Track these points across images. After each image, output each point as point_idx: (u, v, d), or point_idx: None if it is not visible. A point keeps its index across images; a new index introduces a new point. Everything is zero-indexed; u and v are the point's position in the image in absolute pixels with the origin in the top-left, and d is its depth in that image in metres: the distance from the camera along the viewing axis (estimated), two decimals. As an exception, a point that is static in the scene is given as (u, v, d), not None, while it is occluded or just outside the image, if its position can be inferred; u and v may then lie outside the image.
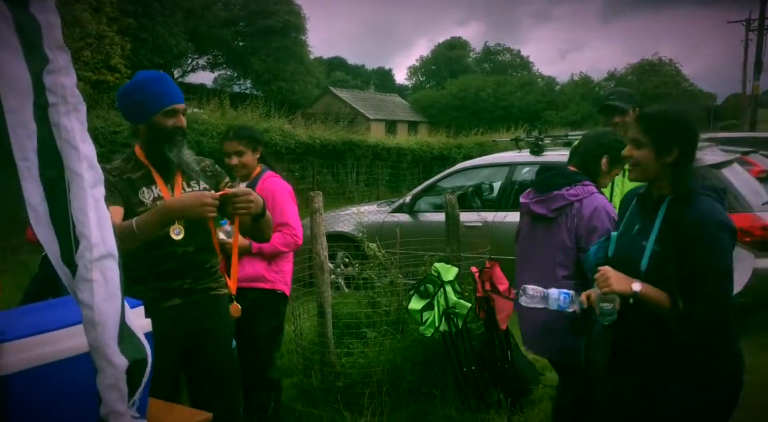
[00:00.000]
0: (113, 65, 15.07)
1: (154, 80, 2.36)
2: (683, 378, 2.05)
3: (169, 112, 2.32)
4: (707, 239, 1.96)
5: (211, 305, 2.44)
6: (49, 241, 1.19)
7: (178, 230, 2.28)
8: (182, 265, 2.35)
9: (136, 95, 2.33)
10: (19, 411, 1.40)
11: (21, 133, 1.13)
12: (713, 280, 1.96)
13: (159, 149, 2.33)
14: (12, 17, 1.08)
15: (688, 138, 2.04)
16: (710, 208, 1.99)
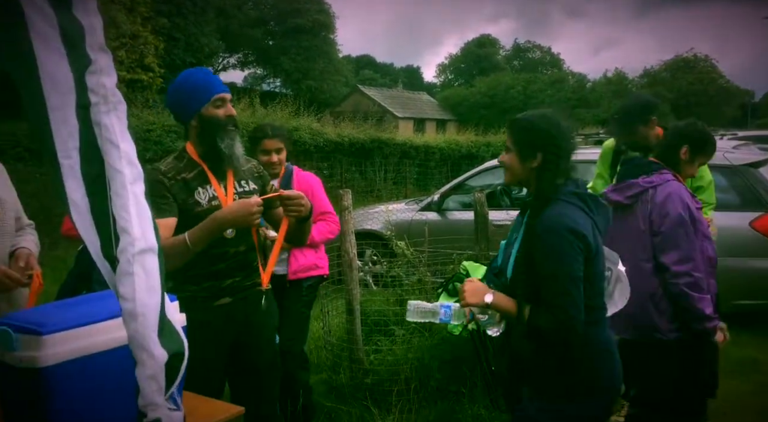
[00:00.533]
0: (147, 64, 15.36)
1: (196, 72, 2.40)
2: (540, 390, 2.03)
3: (218, 101, 2.32)
4: (549, 245, 1.90)
5: (258, 301, 2.47)
6: (90, 236, 1.23)
7: (230, 230, 2.33)
8: (234, 264, 2.38)
9: (182, 90, 2.35)
10: (58, 402, 1.44)
11: (64, 131, 1.16)
12: (555, 287, 1.89)
13: (212, 140, 2.32)
14: (57, 19, 1.11)
15: (549, 145, 2.00)
16: (559, 213, 1.93)
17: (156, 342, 1.24)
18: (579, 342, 1.92)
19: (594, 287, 1.97)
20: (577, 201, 1.97)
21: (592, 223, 1.96)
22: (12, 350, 1.44)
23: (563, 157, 2.01)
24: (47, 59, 1.12)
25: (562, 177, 2.02)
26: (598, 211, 2.00)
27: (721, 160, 5.37)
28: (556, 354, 1.98)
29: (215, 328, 2.33)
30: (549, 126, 2.02)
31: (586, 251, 1.90)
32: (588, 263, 1.92)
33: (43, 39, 1.11)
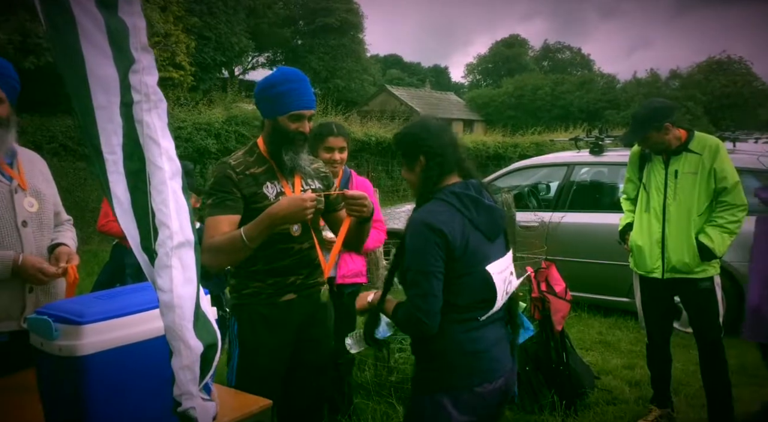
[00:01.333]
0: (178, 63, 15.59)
1: (288, 81, 2.34)
2: (412, 381, 2.09)
3: (295, 116, 2.33)
4: (408, 239, 1.95)
5: (319, 299, 2.51)
6: (131, 230, 1.27)
7: (296, 227, 2.36)
8: (298, 261, 2.40)
9: (267, 92, 2.35)
10: (95, 390, 1.49)
11: (109, 128, 1.21)
12: (409, 279, 1.93)
13: (277, 149, 2.37)
14: (104, 21, 1.16)
15: (423, 146, 2.03)
16: (426, 210, 1.97)
17: (192, 333, 1.27)
18: (435, 336, 1.94)
19: (461, 286, 1.95)
20: (453, 200, 1.97)
21: (465, 222, 1.95)
22: (52, 339, 1.49)
23: (442, 156, 2.03)
24: (94, 60, 1.17)
25: (445, 176, 2.04)
26: (478, 211, 1.99)
27: (756, 164, 5.28)
28: (417, 346, 2.05)
29: (279, 323, 2.37)
30: (420, 130, 2.08)
31: (446, 248, 1.90)
32: (454, 261, 1.92)
33: (91, 40, 1.16)
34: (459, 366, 1.97)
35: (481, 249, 1.98)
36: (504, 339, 2.09)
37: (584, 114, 36.15)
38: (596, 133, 6.89)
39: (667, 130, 3.29)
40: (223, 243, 2.19)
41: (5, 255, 2.07)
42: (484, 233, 1.99)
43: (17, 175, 2.18)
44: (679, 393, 3.91)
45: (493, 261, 2.00)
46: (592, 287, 5.78)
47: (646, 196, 3.44)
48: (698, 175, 3.28)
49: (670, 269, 3.34)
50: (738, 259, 5.00)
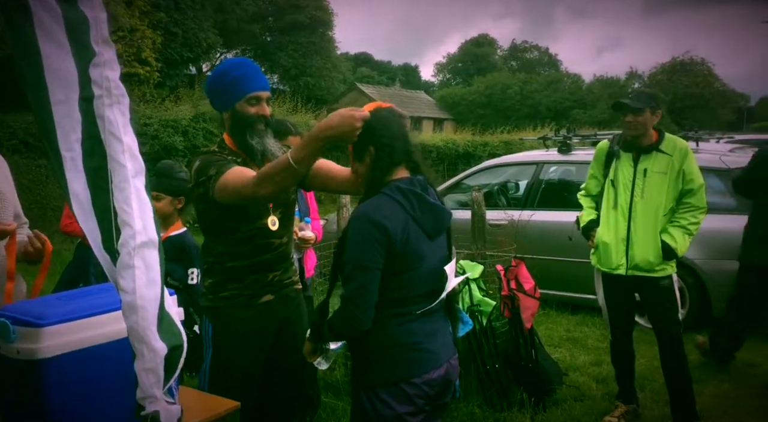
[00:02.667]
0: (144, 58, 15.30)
1: (236, 67, 2.31)
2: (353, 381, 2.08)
3: (252, 99, 2.27)
4: (350, 233, 1.94)
5: (295, 297, 2.48)
6: (91, 229, 1.23)
7: (274, 221, 2.31)
8: (277, 257, 2.37)
9: (219, 82, 2.30)
10: (55, 394, 1.44)
11: (66, 124, 1.17)
12: (347, 275, 1.92)
13: (242, 137, 2.30)
14: (62, 13, 1.12)
15: (374, 137, 1.97)
16: (370, 204, 1.95)
17: (155, 335, 1.24)
18: (370, 330, 1.93)
19: (398, 281, 1.95)
20: (398, 196, 1.95)
21: (408, 219, 1.94)
22: (10, 342, 1.44)
23: (391, 148, 1.99)
24: (51, 53, 1.13)
25: (394, 169, 2.00)
26: (422, 208, 1.97)
27: (718, 163, 5.40)
28: (353, 341, 2.03)
29: (258, 327, 2.32)
30: (372, 120, 2.00)
31: (386, 244, 1.89)
32: (393, 257, 1.91)
33: (47, 33, 1.11)
34: (394, 358, 1.97)
35: (421, 247, 1.97)
36: (442, 330, 2.09)
37: (552, 113, 36.61)
38: (564, 132, 6.98)
39: (655, 118, 3.35)
40: (271, 169, 2.04)
41: None
42: (425, 231, 1.98)
43: None
44: (645, 389, 3.98)
45: (433, 259, 2.01)
46: (561, 284, 5.85)
47: (613, 193, 3.46)
48: (667, 175, 3.33)
49: (633, 266, 3.39)
50: (701, 257, 5.12)
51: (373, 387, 1.97)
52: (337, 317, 1.96)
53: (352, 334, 1.97)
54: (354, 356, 2.08)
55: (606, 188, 3.52)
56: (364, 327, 1.91)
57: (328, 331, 2.00)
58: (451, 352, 2.11)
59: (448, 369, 2.07)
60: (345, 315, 1.92)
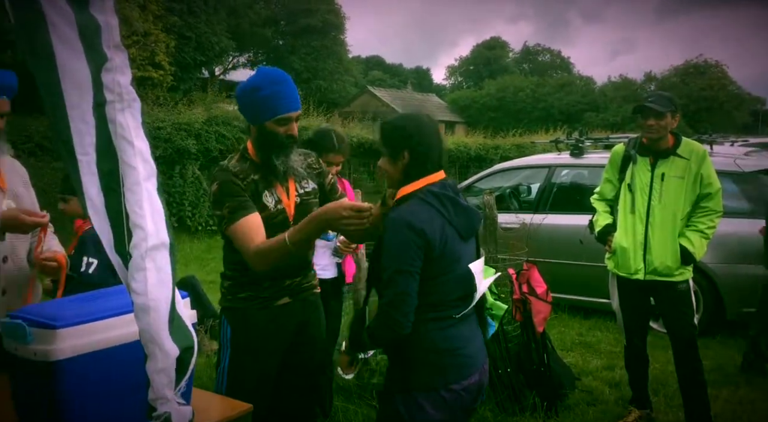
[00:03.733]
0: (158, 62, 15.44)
1: (270, 84, 2.23)
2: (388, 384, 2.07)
3: (282, 120, 2.23)
4: (387, 238, 1.94)
5: (313, 301, 2.49)
6: (104, 232, 1.24)
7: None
8: (294, 264, 2.36)
9: (251, 96, 2.24)
10: (70, 395, 1.46)
11: (82, 128, 1.18)
12: (386, 280, 1.92)
13: (267, 155, 2.28)
14: (75, 18, 1.13)
15: (411, 142, 2.00)
16: (406, 209, 1.95)
17: (167, 337, 1.25)
18: (409, 336, 1.92)
19: (437, 285, 1.96)
20: (433, 200, 1.97)
21: (444, 223, 1.96)
22: (26, 343, 1.46)
23: (426, 156, 2.02)
24: (66, 57, 1.14)
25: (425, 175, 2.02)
26: (456, 212, 1.99)
27: (733, 167, 5.35)
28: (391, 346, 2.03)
29: (275, 328, 2.33)
30: (410, 125, 2.04)
31: (425, 249, 1.91)
32: (431, 261, 1.92)
33: (61, 37, 1.13)
34: (434, 364, 1.97)
35: (457, 249, 1.99)
36: (476, 335, 2.11)
37: (564, 116, 36.45)
38: (576, 135, 6.95)
39: (674, 122, 3.33)
40: (265, 249, 2.11)
41: None
42: (460, 234, 2.00)
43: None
44: (658, 394, 3.94)
45: (466, 261, 2.02)
46: (573, 288, 5.82)
47: (630, 198, 3.42)
48: (685, 180, 3.30)
49: (652, 271, 3.36)
50: (715, 260, 5.06)
51: (411, 392, 1.96)
52: (378, 323, 1.95)
53: (394, 340, 1.96)
54: (392, 361, 2.07)
55: (622, 192, 3.49)
56: (406, 331, 1.91)
57: (368, 340, 1.99)
58: (485, 356, 2.12)
59: (482, 373, 2.08)
60: (387, 321, 1.91)
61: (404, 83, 47.30)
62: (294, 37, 30.06)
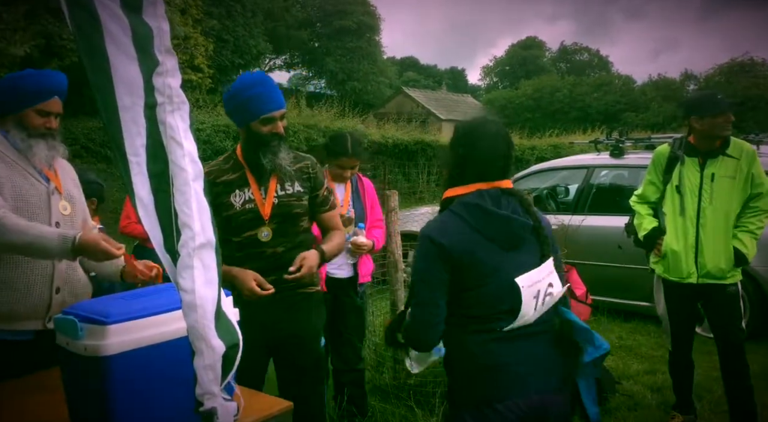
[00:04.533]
0: (197, 65, 15.72)
1: (252, 86, 2.37)
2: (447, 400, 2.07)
3: (266, 119, 2.37)
4: (416, 250, 1.97)
5: (299, 302, 2.51)
6: (154, 231, 1.28)
7: (266, 233, 2.41)
8: (270, 264, 2.42)
9: (234, 101, 2.39)
10: (119, 390, 1.50)
11: (133, 130, 1.22)
12: (411, 287, 1.97)
13: (254, 154, 2.40)
14: (129, 24, 1.17)
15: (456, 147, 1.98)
16: (433, 222, 1.97)
17: (213, 334, 1.28)
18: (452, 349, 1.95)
19: (474, 298, 1.88)
20: (462, 210, 1.91)
21: (474, 234, 1.89)
22: (77, 339, 1.51)
23: (462, 170, 1.96)
24: (120, 62, 1.18)
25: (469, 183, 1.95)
26: (489, 222, 1.89)
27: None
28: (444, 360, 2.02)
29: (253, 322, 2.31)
30: (462, 128, 2.01)
31: (448, 260, 1.87)
32: (461, 272, 1.88)
33: (116, 43, 1.17)
34: (476, 379, 1.88)
35: (491, 261, 1.89)
36: (546, 356, 1.91)
37: (602, 116, 35.84)
38: (616, 135, 6.83)
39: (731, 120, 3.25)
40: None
41: (67, 233, 1.99)
42: (497, 244, 1.90)
43: (55, 178, 2.23)
44: (702, 399, 3.85)
45: (512, 272, 1.88)
46: (613, 291, 5.72)
47: (679, 200, 3.32)
48: (736, 179, 3.22)
49: (704, 274, 3.25)
50: (761, 264, 4.92)
51: (459, 408, 1.93)
52: (407, 326, 1.97)
53: (419, 346, 2.00)
54: (446, 373, 2.05)
55: (669, 194, 3.37)
56: (428, 341, 1.94)
57: (402, 339, 2.02)
58: (552, 384, 1.90)
59: (549, 399, 1.89)
60: (409, 330, 1.95)
61: (439, 84, 47.17)
62: (329, 38, 30.29)
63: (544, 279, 1.93)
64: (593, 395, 1.99)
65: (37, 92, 2.15)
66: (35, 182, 2.16)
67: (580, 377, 1.97)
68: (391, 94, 35.09)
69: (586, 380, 1.98)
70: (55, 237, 1.95)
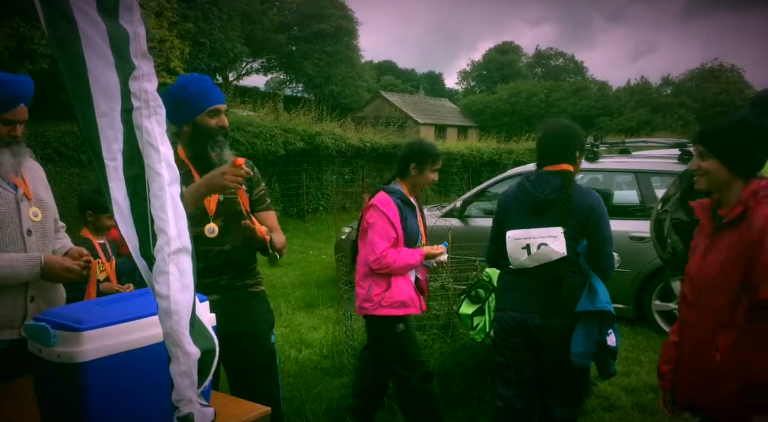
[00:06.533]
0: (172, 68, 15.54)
1: (196, 81, 2.43)
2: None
3: (212, 111, 2.40)
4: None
5: (248, 301, 2.53)
6: (130, 235, 1.27)
7: (212, 229, 2.38)
8: (218, 263, 2.42)
9: (179, 95, 2.39)
10: (94, 397, 1.48)
11: (110, 135, 1.21)
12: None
13: (201, 148, 2.40)
14: (106, 28, 1.16)
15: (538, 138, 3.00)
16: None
17: (189, 340, 1.27)
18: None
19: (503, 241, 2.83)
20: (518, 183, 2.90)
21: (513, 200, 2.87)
22: (50, 346, 1.48)
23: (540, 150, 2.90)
24: (96, 66, 1.17)
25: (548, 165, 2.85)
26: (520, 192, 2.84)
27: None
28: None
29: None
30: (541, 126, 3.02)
31: (498, 211, 3.00)
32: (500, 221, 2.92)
33: (93, 47, 1.16)
34: (498, 295, 2.98)
35: (516, 218, 2.77)
36: (536, 290, 2.71)
37: (578, 121, 36.15)
38: (591, 139, 6.93)
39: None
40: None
41: (34, 256, 2.08)
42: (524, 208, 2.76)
43: (23, 184, 2.19)
44: None
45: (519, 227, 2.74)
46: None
47: None
48: None
49: None
50: None
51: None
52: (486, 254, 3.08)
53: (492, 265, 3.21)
54: None
55: None
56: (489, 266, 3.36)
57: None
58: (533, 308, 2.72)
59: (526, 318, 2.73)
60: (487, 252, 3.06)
61: (417, 88, 47.34)
62: (307, 42, 30.25)
63: (537, 238, 2.68)
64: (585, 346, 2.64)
65: (2, 102, 2.08)
66: (2, 191, 2.12)
67: (578, 324, 2.65)
68: (369, 98, 35.16)
69: (583, 329, 2.64)
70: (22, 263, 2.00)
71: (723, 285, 1.97)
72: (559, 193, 2.66)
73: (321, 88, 29.48)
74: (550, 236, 2.63)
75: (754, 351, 1.91)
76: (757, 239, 1.88)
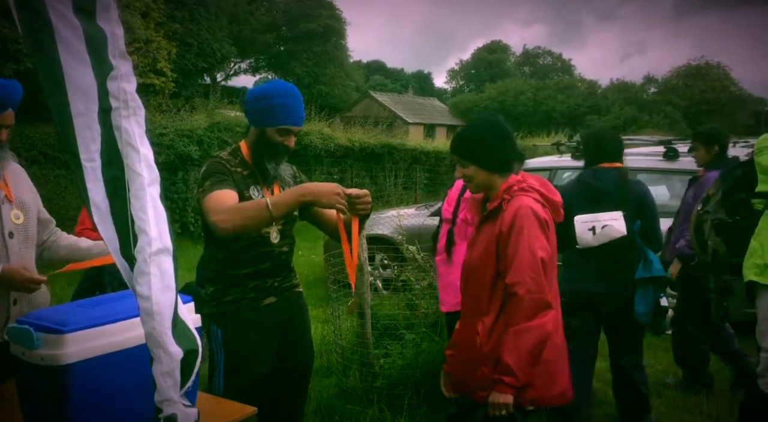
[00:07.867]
0: (159, 69, 15.47)
1: (284, 95, 2.37)
2: None
3: (283, 130, 2.37)
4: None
5: (296, 300, 2.60)
6: (110, 236, 1.27)
7: (275, 234, 2.43)
8: (278, 264, 2.47)
9: (261, 102, 2.36)
10: (78, 399, 1.48)
11: (87, 135, 1.21)
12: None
13: (261, 158, 2.39)
14: (82, 28, 1.16)
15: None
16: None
17: (171, 340, 1.27)
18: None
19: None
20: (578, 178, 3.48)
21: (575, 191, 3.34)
22: (33, 348, 1.48)
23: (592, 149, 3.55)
24: (72, 67, 1.17)
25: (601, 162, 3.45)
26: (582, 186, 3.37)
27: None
28: None
29: (264, 326, 2.43)
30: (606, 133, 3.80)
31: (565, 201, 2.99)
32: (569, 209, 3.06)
33: (68, 47, 1.16)
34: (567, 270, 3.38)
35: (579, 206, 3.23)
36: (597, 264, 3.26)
37: (566, 119, 36.43)
38: (578, 138, 6.97)
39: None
40: (247, 205, 2.18)
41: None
42: (586, 198, 3.26)
43: (4, 187, 2.17)
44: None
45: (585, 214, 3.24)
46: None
47: None
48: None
49: None
50: None
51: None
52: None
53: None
54: None
55: None
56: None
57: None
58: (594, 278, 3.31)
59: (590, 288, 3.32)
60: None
61: (405, 88, 47.36)
62: (295, 42, 30.16)
63: (601, 221, 3.22)
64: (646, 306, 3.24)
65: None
66: None
67: (639, 288, 3.24)
68: (357, 98, 35.12)
69: (643, 292, 3.24)
70: None
71: (482, 275, 2.19)
72: (617, 184, 3.26)
73: (309, 88, 29.37)
74: (612, 219, 3.19)
75: (504, 333, 2.08)
76: (505, 230, 2.11)
